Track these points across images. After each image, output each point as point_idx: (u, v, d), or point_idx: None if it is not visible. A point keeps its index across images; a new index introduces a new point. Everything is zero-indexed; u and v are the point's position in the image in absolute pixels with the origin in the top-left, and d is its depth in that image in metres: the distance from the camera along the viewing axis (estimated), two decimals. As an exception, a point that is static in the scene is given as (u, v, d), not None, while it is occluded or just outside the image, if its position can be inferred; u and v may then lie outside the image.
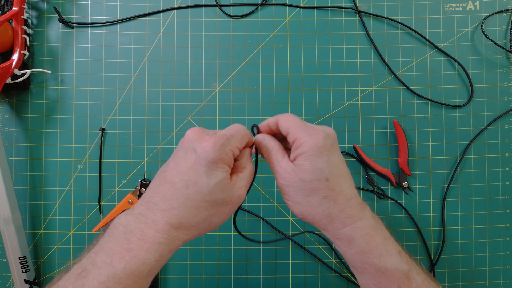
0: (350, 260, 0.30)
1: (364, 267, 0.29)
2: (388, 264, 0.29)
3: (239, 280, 0.50)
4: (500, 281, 0.50)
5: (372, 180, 0.50)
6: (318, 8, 0.51)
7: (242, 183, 0.30)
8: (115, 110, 0.50)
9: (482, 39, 0.51)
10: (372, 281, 0.30)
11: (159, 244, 0.27)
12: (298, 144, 0.29)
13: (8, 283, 0.49)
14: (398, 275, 0.29)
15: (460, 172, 0.50)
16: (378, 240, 0.29)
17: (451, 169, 0.51)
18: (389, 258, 0.29)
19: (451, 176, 0.50)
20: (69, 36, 0.50)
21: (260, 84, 0.51)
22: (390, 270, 0.29)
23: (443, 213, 0.50)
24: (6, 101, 0.50)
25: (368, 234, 0.29)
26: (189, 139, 0.29)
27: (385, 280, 0.29)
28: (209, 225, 0.29)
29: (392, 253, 0.29)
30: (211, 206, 0.28)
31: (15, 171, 0.49)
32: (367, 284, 0.30)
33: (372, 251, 0.29)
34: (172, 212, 0.27)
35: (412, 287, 0.29)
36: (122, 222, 0.28)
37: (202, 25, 0.51)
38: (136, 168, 0.50)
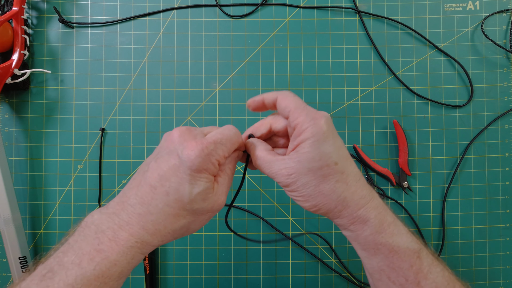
0: (362, 242, 0.29)
1: (378, 248, 0.28)
2: (400, 243, 0.28)
3: (239, 280, 0.50)
4: (500, 281, 0.50)
5: (372, 180, 0.50)
6: (318, 8, 0.51)
7: (222, 189, 0.29)
8: (115, 110, 0.50)
9: (482, 39, 0.51)
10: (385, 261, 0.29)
11: (132, 247, 0.26)
12: (300, 131, 0.28)
13: (8, 283, 0.49)
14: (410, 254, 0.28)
15: (460, 172, 0.50)
16: (389, 220, 0.29)
17: (451, 169, 0.51)
18: (401, 237, 0.29)
19: (451, 176, 0.50)
20: (69, 36, 0.50)
21: (260, 84, 0.51)
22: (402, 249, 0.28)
23: (443, 213, 0.50)
24: (6, 101, 0.50)
25: (381, 213, 0.29)
26: (174, 141, 0.27)
27: (398, 259, 0.28)
28: (186, 231, 0.28)
29: (403, 232, 0.29)
30: (190, 214, 0.27)
31: (15, 171, 0.49)
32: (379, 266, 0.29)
33: (385, 230, 0.29)
34: (149, 218, 0.26)
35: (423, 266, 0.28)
36: (95, 221, 0.26)
37: (202, 25, 0.51)
38: (136, 168, 0.50)
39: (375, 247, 0.29)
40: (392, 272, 0.28)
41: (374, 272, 0.30)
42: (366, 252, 0.29)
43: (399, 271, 0.28)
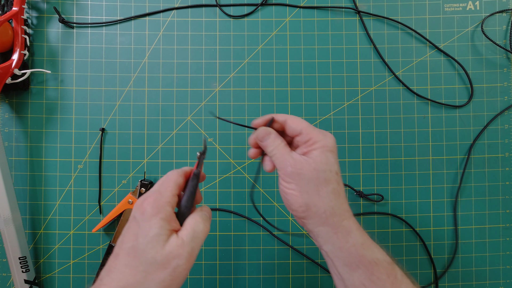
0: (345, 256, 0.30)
1: (360, 260, 0.30)
2: (378, 255, 0.31)
3: (239, 280, 0.50)
4: (500, 281, 0.50)
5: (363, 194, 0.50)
6: (318, 8, 0.51)
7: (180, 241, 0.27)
8: (115, 110, 0.50)
9: (482, 39, 0.51)
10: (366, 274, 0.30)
11: None
12: (313, 141, 0.31)
13: (8, 283, 0.49)
14: (387, 266, 0.30)
15: (460, 172, 0.50)
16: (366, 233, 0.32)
17: (451, 169, 0.51)
18: (378, 250, 0.31)
19: (451, 176, 0.50)
20: (69, 36, 0.50)
21: (260, 84, 0.51)
22: (380, 261, 0.30)
23: (455, 213, 0.50)
24: (6, 101, 0.50)
25: (360, 227, 0.32)
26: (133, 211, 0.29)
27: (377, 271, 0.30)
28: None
29: (377, 245, 0.32)
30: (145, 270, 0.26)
31: (15, 171, 0.49)
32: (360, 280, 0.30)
33: (366, 242, 0.31)
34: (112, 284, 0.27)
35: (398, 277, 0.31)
36: None
37: (202, 25, 0.51)
38: (136, 168, 0.50)
39: (357, 259, 0.30)
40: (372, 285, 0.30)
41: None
42: (348, 267, 0.30)
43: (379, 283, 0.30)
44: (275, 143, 0.33)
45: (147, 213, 0.28)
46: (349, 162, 0.50)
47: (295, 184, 0.31)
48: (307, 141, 0.32)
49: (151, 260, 0.26)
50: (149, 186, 0.48)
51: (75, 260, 0.49)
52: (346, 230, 0.31)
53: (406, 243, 0.50)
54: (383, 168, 0.50)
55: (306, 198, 0.31)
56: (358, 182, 0.50)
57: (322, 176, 0.30)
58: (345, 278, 0.31)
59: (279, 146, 0.32)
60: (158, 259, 0.26)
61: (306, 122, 0.33)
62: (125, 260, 0.27)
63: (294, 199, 0.31)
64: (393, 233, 0.50)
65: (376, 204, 0.50)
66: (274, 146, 0.32)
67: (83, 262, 0.49)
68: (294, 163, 0.31)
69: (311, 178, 0.30)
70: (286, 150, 0.32)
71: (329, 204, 0.31)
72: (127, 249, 0.27)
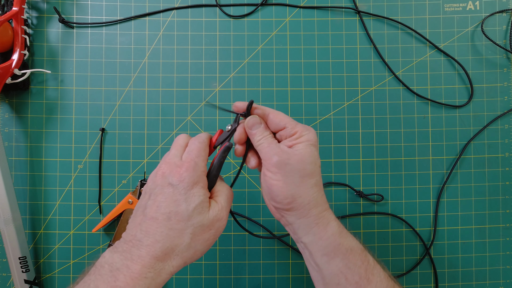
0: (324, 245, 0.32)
1: (338, 249, 0.31)
2: (353, 243, 0.32)
3: (239, 280, 0.50)
4: (500, 281, 0.50)
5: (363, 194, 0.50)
6: (318, 8, 0.51)
7: (220, 206, 0.31)
8: (115, 110, 0.50)
9: (482, 39, 0.51)
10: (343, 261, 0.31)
11: (146, 278, 0.27)
12: (299, 135, 0.32)
13: (8, 283, 0.49)
14: (360, 252, 0.32)
15: (460, 172, 0.50)
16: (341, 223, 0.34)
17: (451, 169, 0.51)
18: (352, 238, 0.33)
19: (454, 176, 0.50)
20: (69, 36, 0.50)
21: (260, 84, 0.51)
22: (355, 248, 0.32)
23: (436, 213, 0.50)
24: (6, 101, 0.50)
25: (336, 218, 0.33)
26: (162, 176, 0.31)
27: (353, 257, 0.32)
28: (194, 253, 0.30)
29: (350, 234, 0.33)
30: (193, 232, 0.29)
31: (15, 171, 0.49)
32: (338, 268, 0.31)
33: (342, 231, 0.33)
34: (157, 245, 0.28)
35: (370, 262, 0.32)
36: (108, 260, 0.28)
37: (202, 25, 0.51)
38: (136, 168, 0.50)
39: (335, 248, 0.31)
40: (349, 272, 0.31)
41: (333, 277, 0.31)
42: (326, 256, 0.32)
43: (354, 268, 0.31)
44: (264, 133, 0.33)
45: (187, 181, 0.30)
46: (349, 162, 0.50)
47: (281, 174, 0.31)
48: (293, 134, 0.32)
49: (199, 223, 0.29)
50: (149, 186, 0.48)
51: (75, 260, 0.49)
52: (327, 220, 0.32)
53: (406, 243, 0.50)
54: (383, 168, 0.50)
55: (292, 189, 0.31)
56: (358, 182, 0.50)
57: (308, 168, 0.31)
58: (323, 267, 0.32)
59: (267, 136, 0.33)
60: (205, 223, 0.30)
61: (289, 116, 0.34)
62: (168, 224, 0.29)
63: (280, 190, 0.31)
64: (393, 233, 0.50)
65: (376, 204, 0.50)
66: (263, 135, 0.33)
67: (83, 262, 0.49)
68: (281, 153, 0.31)
69: (297, 169, 0.31)
70: (274, 140, 0.33)
71: (313, 196, 0.32)
72: (168, 214, 0.29)
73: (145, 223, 0.29)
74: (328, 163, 0.50)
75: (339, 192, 0.50)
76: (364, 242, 0.49)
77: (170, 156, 0.32)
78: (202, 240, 0.30)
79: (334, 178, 0.50)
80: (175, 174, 0.30)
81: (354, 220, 0.50)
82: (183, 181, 0.30)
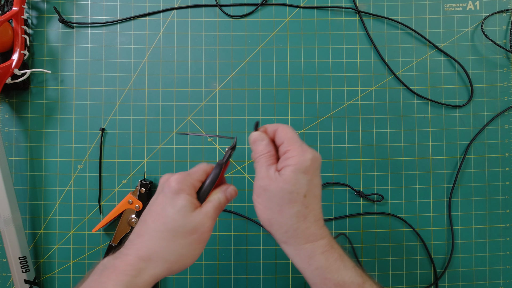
0: (310, 277, 0.31)
1: (324, 283, 0.31)
2: (345, 278, 0.30)
3: (239, 280, 0.50)
4: (500, 281, 0.50)
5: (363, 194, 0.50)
6: (318, 8, 0.51)
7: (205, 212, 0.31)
8: (115, 110, 0.50)
9: (482, 39, 0.51)
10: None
11: (126, 275, 0.28)
12: (288, 156, 0.31)
13: (8, 283, 0.49)
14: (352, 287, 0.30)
15: (461, 172, 0.50)
16: (335, 256, 0.31)
17: (452, 169, 0.51)
18: (346, 272, 0.31)
19: (451, 176, 0.50)
20: (69, 36, 0.50)
21: (260, 84, 0.51)
22: (347, 284, 0.30)
23: (450, 213, 0.50)
24: (6, 101, 0.50)
25: (327, 251, 0.31)
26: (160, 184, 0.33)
27: None
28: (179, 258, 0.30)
29: (348, 267, 0.31)
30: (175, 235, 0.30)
31: (15, 171, 0.49)
32: None
33: (331, 266, 0.31)
34: (142, 245, 0.30)
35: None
36: (103, 262, 0.31)
37: (202, 25, 0.51)
38: (136, 168, 0.50)
39: (321, 281, 0.31)
40: None
41: None
42: (313, 286, 0.32)
43: None
44: (261, 151, 0.32)
45: (173, 188, 0.31)
46: (349, 162, 0.50)
47: (261, 199, 0.31)
48: (285, 153, 0.31)
49: (181, 227, 0.30)
50: (149, 186, 0.48)
51: (75, 260, 0.49)
52: (308, 253, 0.31)
53: (406, 243, 0.50)
54: (383, 168, 0.50)
55: (269, 214, 0.31)
56: (358, 182, 0.50)
57: (287, 197, 0.30)
58: None
59: (262, 156, 0.32)
60: (188, 227, 0.30)
61: (294, 133, 0.32)
62: (154, 226, 0.30)
63: (259, 212, 0.32)
64: (393, 233, 0.50)
65: (376, 204, 0.50)
66: (259, 154, 0.33)
67: (83, 262, 0.49)
68: (263, 178, 0.31)
69: (275, 197, 0.30)
70: (266, 162, 0.32)
71: (292, 226, 0.31)
72: (155, 216, 0.31)
73: (138, 225, 0.32)
74: (328, 163, 0.50)
75: (339, 192, 0.50)
76: (364, 242, 0.49)
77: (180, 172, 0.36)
78: (186, 243, 0.30)
79: (334, 178, 0.50)
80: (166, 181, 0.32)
81: (354, 220, 0.50)
82: (171, 188, 0.31)
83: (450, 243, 0.50)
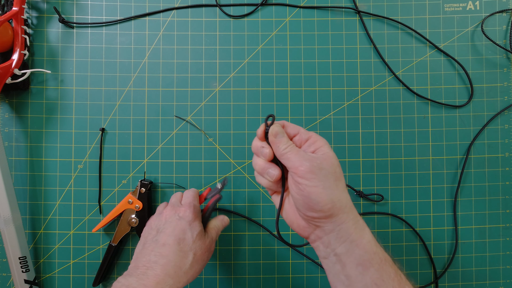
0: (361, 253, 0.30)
1: (373, 258, 0.30)
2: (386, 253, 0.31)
3: (239, 280, 0.50)
4: (500, 281, 0.50)
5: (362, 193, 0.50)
6: (318, 8, 0.51)
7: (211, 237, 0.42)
8: (115, 110, 0.50)
9: (482, 39, 0.51)
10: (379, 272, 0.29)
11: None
12: (314, 140, 0.32)
13: (8, 283, 0.49)
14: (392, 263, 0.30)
15: (460, 172, 0.50)
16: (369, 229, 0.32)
17: (451, 169, 0.51)
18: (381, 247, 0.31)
19: (451, 176, 0.50)
20: (69, 36, 0.50)
21: (260, 84, 0.51)
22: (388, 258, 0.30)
23: (454, 212, 0.50)
24: (6, 101, 0.50)
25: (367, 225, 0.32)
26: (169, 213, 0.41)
27: (388, 267, 0.30)
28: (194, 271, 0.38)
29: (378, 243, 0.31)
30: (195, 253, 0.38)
31: (15, 171, 0.49)
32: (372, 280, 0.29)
33: (374, 240, 0.31)
34: (169, 265, 0.35)
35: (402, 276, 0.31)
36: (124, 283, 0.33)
37: (202, 25, 0.51)
38: (136, 168, 0.50)
39: (370, 257, 0.29)
40: (383, 284, 0.29)
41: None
42: (361, 266, 0.29)
43: (388, 281, 0.29)
44: (288, 141, 0.32)
45: (190, 216, 0.40)
46: (349, 162, 0.50)
47: (318, 179, 0.30)
48: (307, 139, 0.32)
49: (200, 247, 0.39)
50: (149, 186, 0.48)
51: (75, 260, 0.49)
52: (362, 225, 0.31)
53: (406, 243, 0.50)
54: (383, 168, 0.50)
55: (330, 193, 0.30)
56: (358, 182, 0.50)
57: (338, 171, 0.31)
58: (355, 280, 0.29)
59: (292, 144, 0.32)
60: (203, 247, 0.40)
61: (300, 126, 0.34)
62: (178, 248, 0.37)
63: (320, 196, 0.29)
64: (393, 233, 0.50)
65: (376, 204, 0.50)
66: (288, 144, 0.32)
67: (83, 262, 0.49)
68: (312, 159, 0.30)
69: (331, 173, 0.30)
70: (298, 148, 0.32)
71: (347, 199, 0.31)
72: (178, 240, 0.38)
73: (158, 248, 0.37)
74: (328, 163, 0.50)
75: (339, 192, 0.50)
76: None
77: (172, 203, 0.43)
78: (201, 260, 0.39)
79: (334, 178, 0.50)
80: (181, 211, 0.41)
81: (354, 220, 0.50)
82: (187, 215, 0.40)
83: (450, 243, 0.50)
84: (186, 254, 0.37)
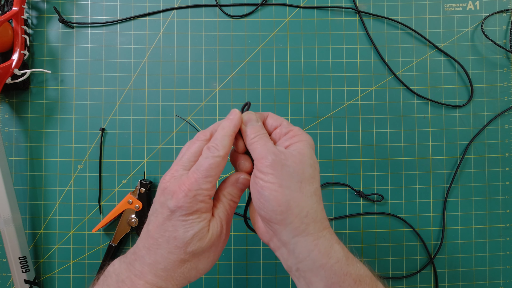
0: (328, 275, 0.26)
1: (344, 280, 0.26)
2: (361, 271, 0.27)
3: (239, 280, 0.50)
4: (500, 281, 0.50)
5: (363, 194, 0.50)
6: (318, 8, 0.51)
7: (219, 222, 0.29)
8: (115, 110, 0.50)
9: (482, 39, 0.51)
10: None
11: None
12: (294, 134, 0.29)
13: (8, 283, 0.49)
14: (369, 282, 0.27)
15: (460, 172, 0.50)
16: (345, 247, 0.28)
17: (452, 169, 0.51)
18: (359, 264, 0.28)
19: (451, 176, 0.50)
20: (69, 36, 0.50)
21: (260, 84, 0.51)
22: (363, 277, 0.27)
23: (444, 213, 0.50)
24: (6, 101, 0.50)
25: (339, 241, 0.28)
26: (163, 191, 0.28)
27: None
28: (197, 272, 0.29)
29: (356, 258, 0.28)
30: (192, 256, 0.28)
31: (15, 171, 0.49)
32: None
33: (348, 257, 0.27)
34: (158, 266, 0.27)
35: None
36: (116, 270, 0.28)
37: (202, 25, 0.51)
38: (136, 168, 0.50)
39: (342, 278, 0.26)
40: None
41: None
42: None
43: None
44: (260, 130, 0.29)
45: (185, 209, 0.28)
46: (349, 162, 0.50)
47: (276, 176, 0.26)
48: (287, 132, 0.29)
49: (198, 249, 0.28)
50: (149, 186, 0.48)
51: (75, 260, 0.49)
52: (328, 241, 0.26)
53: (406, 243, 0.50)
54: (383, 168, 0.50)
55: (287, 194, 0.26)
56: (358, 182, 0.50)
57: (308, 172, 0.27)
58: None
59: (263, 134, 0.29)
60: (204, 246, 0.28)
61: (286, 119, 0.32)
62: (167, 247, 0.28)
63: (274, 194, 0.26)
64: (393, 233, 0.50)
65: (376, 204, 0.50)
66: (258, 133, 0.29)
67: (83, 262, 0.49)
68: (278, 153, 0.27)
69: (296, 172, 0.26)
70: (269, 139, 0.29)
71: (312, 206, 0.26)
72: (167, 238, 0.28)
73: (147, 240, 0.28)
74: (328, 163, 0.50)
75: (339, 192, 0.50)
76: (364, 242, 0.49)
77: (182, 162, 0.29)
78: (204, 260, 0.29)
79: (334, 178, 0.50)
80: (174, 197, 0.27)
81: (354, 220, 0.50)
82: (181, 207, 0.27)
83: (450, 243, 0.50)
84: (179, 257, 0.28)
